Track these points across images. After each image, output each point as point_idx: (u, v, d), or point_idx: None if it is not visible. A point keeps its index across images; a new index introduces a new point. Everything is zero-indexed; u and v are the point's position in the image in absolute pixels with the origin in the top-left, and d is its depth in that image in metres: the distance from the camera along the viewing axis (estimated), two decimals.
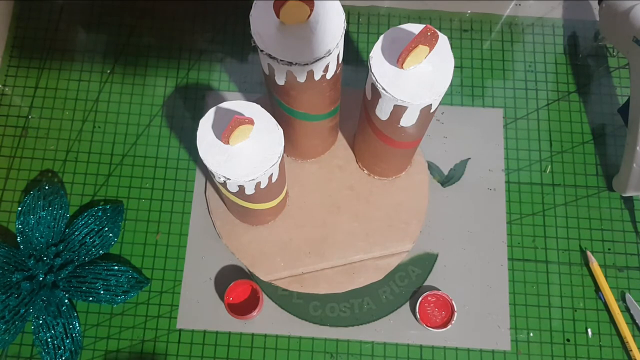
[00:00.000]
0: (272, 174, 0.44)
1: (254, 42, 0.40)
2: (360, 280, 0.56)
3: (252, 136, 0.43)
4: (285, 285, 0.56)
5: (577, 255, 0.58)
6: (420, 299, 0.54)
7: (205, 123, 0.43)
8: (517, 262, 0.58)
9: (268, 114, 0.44)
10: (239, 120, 0.40)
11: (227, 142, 0.41)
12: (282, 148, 0.43)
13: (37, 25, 0.65)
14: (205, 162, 0.42)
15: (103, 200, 0.59)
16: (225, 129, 0.40)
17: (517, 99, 0.63)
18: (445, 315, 0.55)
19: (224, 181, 0.43)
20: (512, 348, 0.55)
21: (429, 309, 0.55)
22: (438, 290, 0.56)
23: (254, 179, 0.43)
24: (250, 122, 0.41)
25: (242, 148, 0.43)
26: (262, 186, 0.45)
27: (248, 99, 0.62)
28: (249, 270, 0.57)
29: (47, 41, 0.64)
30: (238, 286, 0.54)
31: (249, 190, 0.45)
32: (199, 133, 0.43)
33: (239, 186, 0.44)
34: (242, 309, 0.54)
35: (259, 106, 0.44)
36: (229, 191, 0.46)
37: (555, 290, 0.57)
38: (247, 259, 0.56)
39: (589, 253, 0.57)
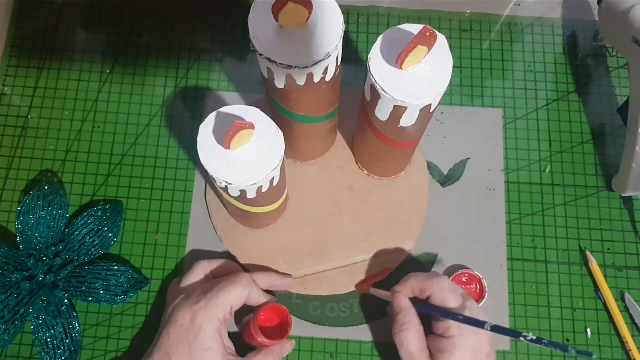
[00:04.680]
0: (273, 178, 0.44)
1: (253, 47, 0.40)
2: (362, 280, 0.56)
3: (252, 140, 0.43)
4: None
5: (576, 255, 0.58)
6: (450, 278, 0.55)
7: (206, 128, 0.43)
8: (517, 262, 0.58)
9: (268, 117, 0.44)
10: (239, 125, 0.39)
11: (228, 147, 0.41)
12: (283, 152, 0.43)
13: (37, 25, 0.65)
14: (207, 167, 0.42)
15: (103, 200, 0.59)
16: (226, 134, 0.40)
17: (517, 99, 0.63)
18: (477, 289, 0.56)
19: (226, 186, 0.43)
20: (512, 348, 0.55)
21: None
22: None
23: (255, 184, 0.43)
24: (251, 126, 0.40)
25: (243, 153, 0.43)
26: (264, 190, 0.45)
27: (248, 100, 0.62)
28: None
29: (47, 41, 0.64)
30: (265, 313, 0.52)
31: (251, 194, 0.45)
32: (199, 139, 0.43)
33: (241, 191, 0.44)
34: (273, 332, 0.52)
35: (259, 110, 0.44)
36: (230, 196, 0.46)
37: (555, 290, 0.57)
38: (249, 262, 0.56)
39: (588, 253, 0.57)
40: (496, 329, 0.44)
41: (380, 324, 0.56)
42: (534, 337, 0.41)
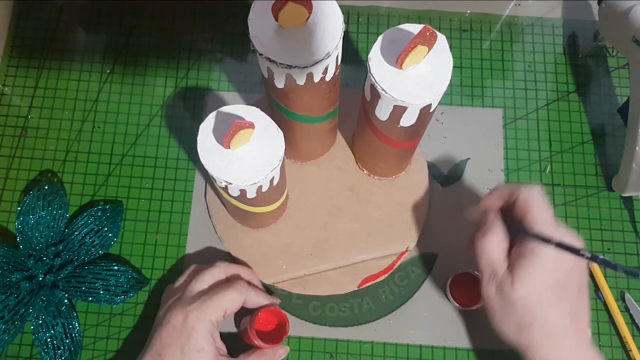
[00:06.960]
0: (273, 177, 0.44)
1: (253, 47, 0.40)
2: (362, 281, 0.56)
3: (252, 140, 0.43)
4: (288, 288, 0.56)
5: None
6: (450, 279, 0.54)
7: (206, 128, 0.43)
8: None
9: (268, 117, 0.44)
10: (239, 125, 0.39)
11: (228, 147, 0.41)
12: (283, 151, 0.43)
13: (37, 25, 0.65)
14: (207, 167, 0.42)
15: (102, 200, 0.59)
16: (226, 133, 0.40)
17: (517, 99, 0.63)
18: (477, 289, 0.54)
19: (226, 186, 0.43)
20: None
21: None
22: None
23: (255, 183, 0.43)
24: (251, 126, 0.40)
25: (243, 152, 0.43)
26: (264, 190, 0.45)
27: (248, 100, 0.62)
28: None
29: (47, 41, 0.64)
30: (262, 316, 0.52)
31: (251, 194, 0.45)
32: (199, 138, 0.43)
33: (241, 190, 0.44)
34: (270, 336, 0.52)
35: (259, 110, 0.44)
36: (230, 195, 0.46)
37: None
38: (249, 262, 0.56)
39: None
40: (601, 260, 0.41)
41: (380, 324, 0.56)
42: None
